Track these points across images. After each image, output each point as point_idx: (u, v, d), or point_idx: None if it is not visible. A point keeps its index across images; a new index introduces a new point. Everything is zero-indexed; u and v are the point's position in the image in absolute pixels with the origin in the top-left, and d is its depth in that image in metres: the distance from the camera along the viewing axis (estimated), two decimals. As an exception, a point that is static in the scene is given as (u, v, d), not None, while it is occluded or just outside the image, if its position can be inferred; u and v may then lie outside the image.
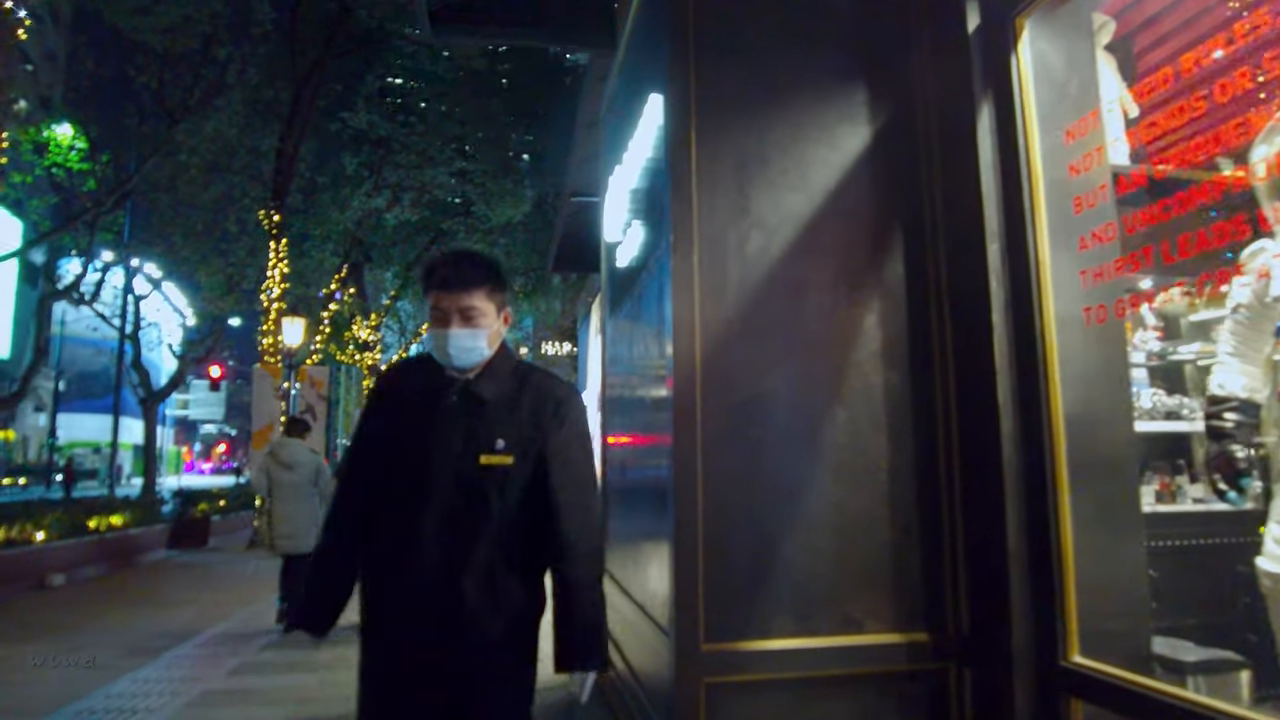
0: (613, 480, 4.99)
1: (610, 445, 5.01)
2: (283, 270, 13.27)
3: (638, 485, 3.94)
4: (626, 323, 4.36)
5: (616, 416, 4.79)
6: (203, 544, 13.43)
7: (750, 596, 2.94)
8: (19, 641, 6.24)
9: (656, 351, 3.43)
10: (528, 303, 22.48)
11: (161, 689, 4.78)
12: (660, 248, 3.40)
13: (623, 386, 4.48)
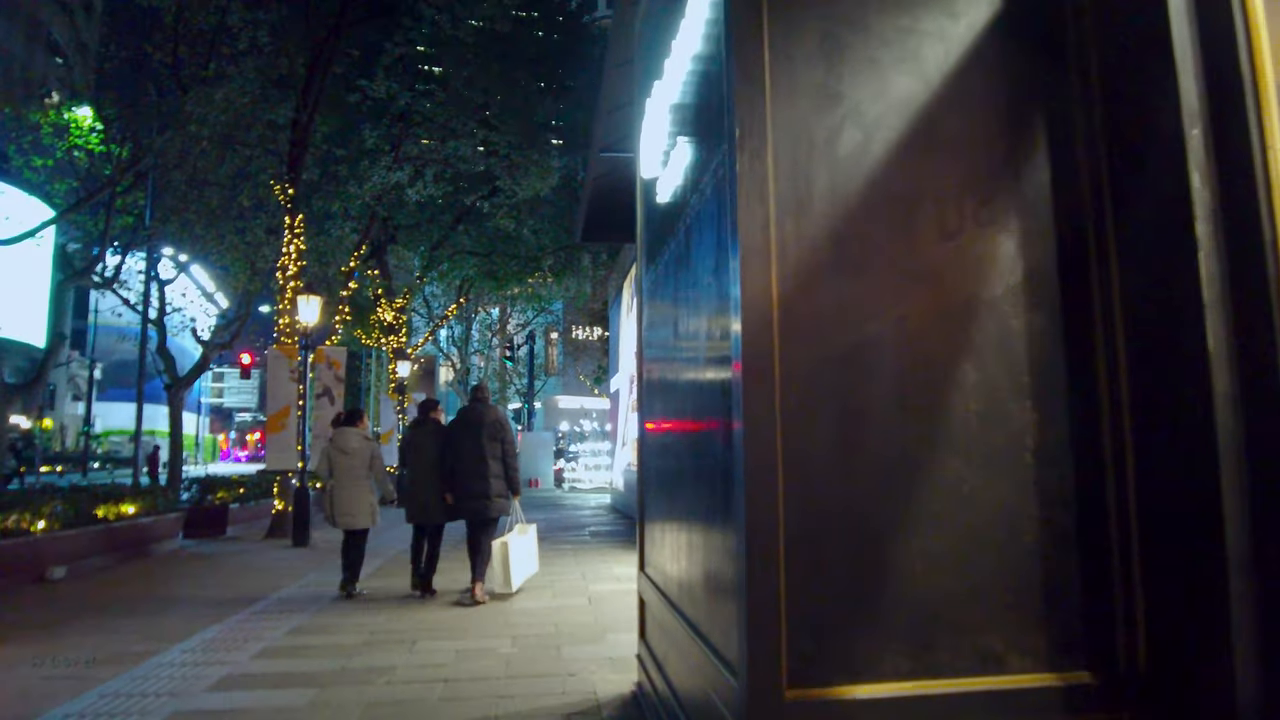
0: (652, 469, 4.19)
1: (650, 431, 4.21)
2: (298, 246, 12.63)
3: (687, 473, 3.13)
4: (669, 270, 3.55)
5: (657, 394, 3.98)
6: (220, 532, 12.90)
7: (849, 622, 2.14)
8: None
9: (713, 297, 2.62)
10: (557, 283, 21.75)
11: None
12: (716, 160, 2.59)
13: (666, 354, 3.67)
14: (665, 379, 3.68)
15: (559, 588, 7.50)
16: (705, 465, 2.75)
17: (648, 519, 4.28)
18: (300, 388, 11.78)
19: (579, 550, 10.32)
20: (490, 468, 6.87)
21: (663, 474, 3.77)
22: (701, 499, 2.80)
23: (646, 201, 4.45)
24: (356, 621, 6.16)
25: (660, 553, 3.83)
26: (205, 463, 57.99)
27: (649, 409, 4.22)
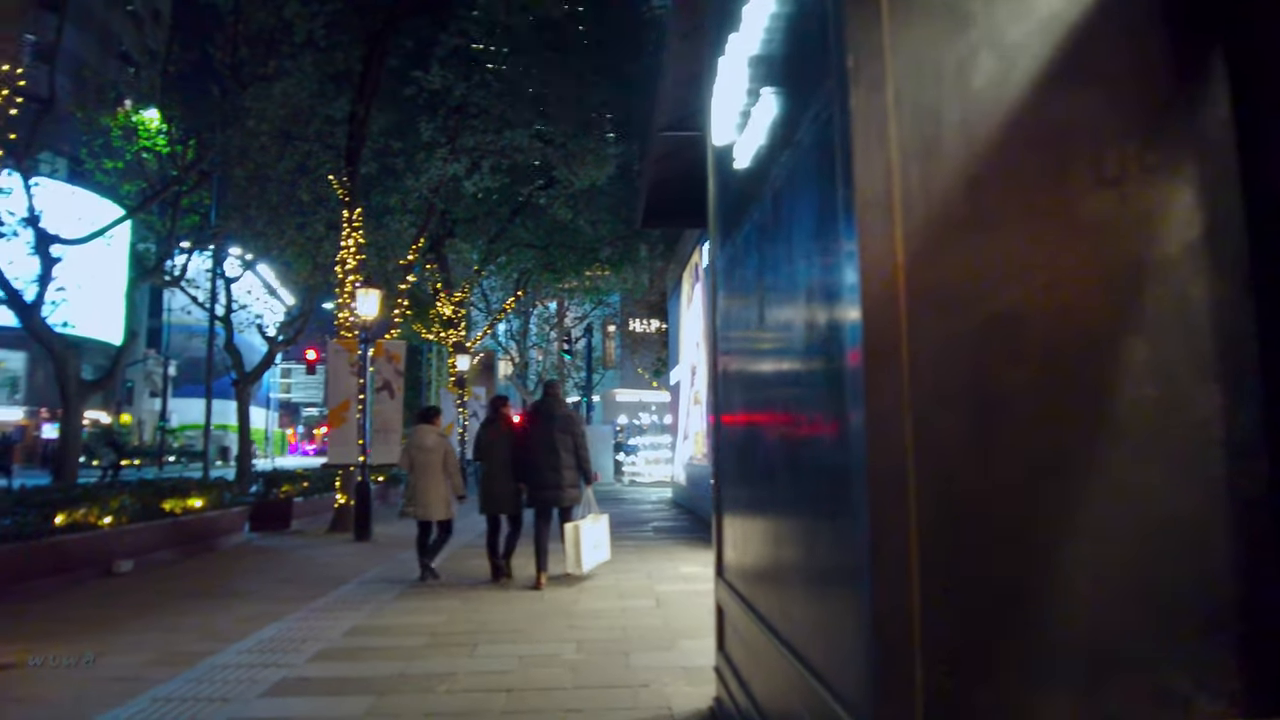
0: (731, 467, 3.82)
1: (729, 426, 3.84)
2: (357, 240, 12.58)
3: (779, 473, 2.76)
4: (750, 245, 3.18)
5: (737, 386, 3.61)
6: (285, 526, 12.98)
7: (997, 653, 1.75)
8: (20, 641, 5.58)
9: (814, 267, 2.24)
10: (615, 273, 21.46)
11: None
12: (817, 106, 2.21)
13: (747, 340, 3.30)
14: (748, 368, 3.31)
15: (624, 587, 7.20)
16: (805, 464, 2.38)
17: (725, 521, 3.92)
18: (360, 381, 11.72)
19: (642, 548, 10.01)
20: (563, 459, 7.28)
21: (746, 473, 3.40)
22: (800, 502, 2.43)
23: (720, 173, 4.08)
24: (416, 622, 5.95)
25: (742, 559, 3.47)
26: (274, 456, 59.58)
27: (727, 402, 3.86)
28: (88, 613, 6.63)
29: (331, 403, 12.02)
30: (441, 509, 7.65)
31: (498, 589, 7.23)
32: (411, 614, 6.26)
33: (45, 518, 7.99)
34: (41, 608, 6.84)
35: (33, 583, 7.49)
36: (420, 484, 7.63)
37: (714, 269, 4.17)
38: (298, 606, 6.66)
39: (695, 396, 14.44)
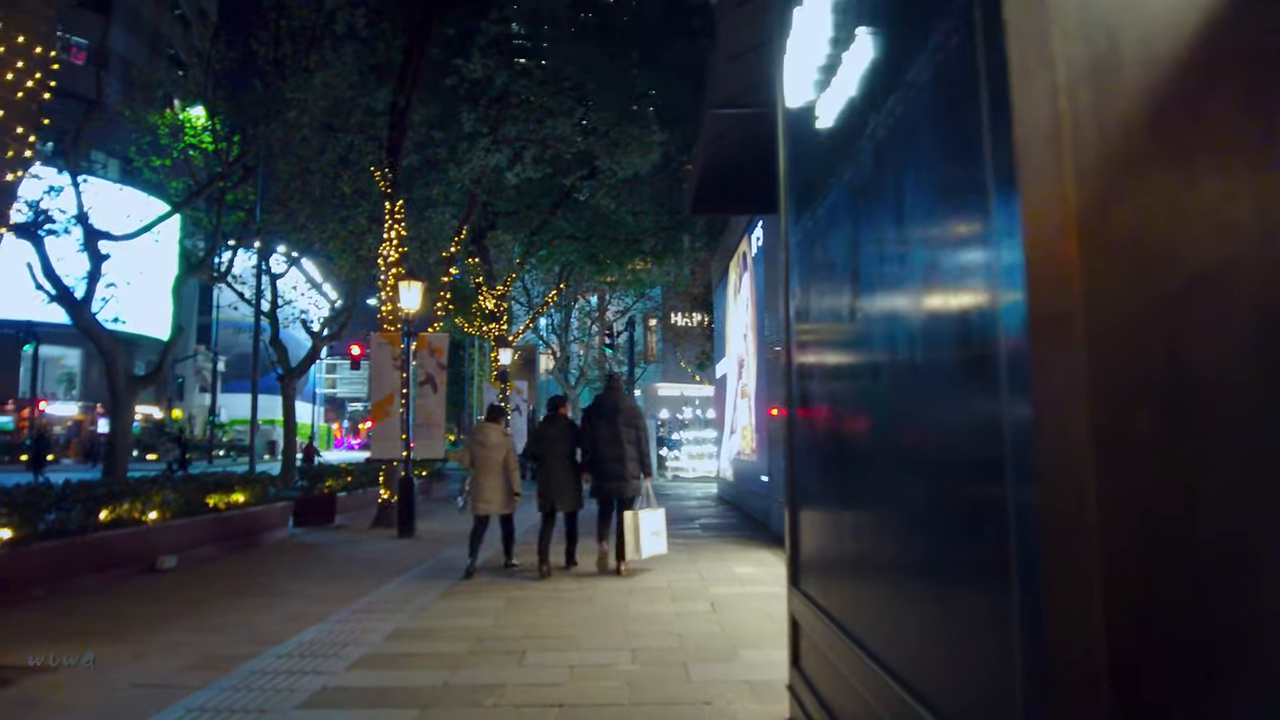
0: (810, 468, 3.44)
1: (808, 422, 3.46)
2: (399, 232, 12.40)
3: (883, 474, 2.38)
4: (840, 213, 2.79)
5: (819, 377, 3.23)
6: (329, 521, 12.89)
7: (1209, 705, 1.37)
8: (63, 641, 5.41)
9: (940, 219, 1.87)
10: (659, 264, 21.09)
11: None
12: (938, 36, 1.83)
13: (835, 324, 2.91)
14: (836, 355, 2.92)
15: (677, 589, 6.85)
16: (928, 464, 2.00)
17: (802, 526, 3.55)
18: (404, 375, 11.54)
19: (692, 546, 9.66)
20: (625, 451, 7.52)
21: (832, 474, 3.02)
22: (918, 508, 2.05)
23: (793, 140, 3.70)
24: (461, 625, 5.67)
25: (825, 568, 3.10)
26: (319, 450, 60.41)
27: (805, 395, 3.47)
28: (130, 610, 6.48)
29: (375, 397, 11.87)
30: (502, 504, 7.81)
31: (545, 589, 6.94)
32: (456, 616, 6.00)
33: (89, 513, 7.91)
34: (85, 605, 6.73)
35: (77, 579, 7.41)
36: (482, 480, 7.79)
37: (785, 249, 3.80)
38: (339, 606, 6.44)
39: (743, 390, 14.02)
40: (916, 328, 2.01)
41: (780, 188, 3.90)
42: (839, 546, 2.90)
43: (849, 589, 2.78)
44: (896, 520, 2.23)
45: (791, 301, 3.67)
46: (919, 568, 2.05)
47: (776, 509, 10.79)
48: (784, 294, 3.82)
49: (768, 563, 8.18)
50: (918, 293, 2.00)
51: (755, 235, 12.34)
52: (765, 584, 7.03)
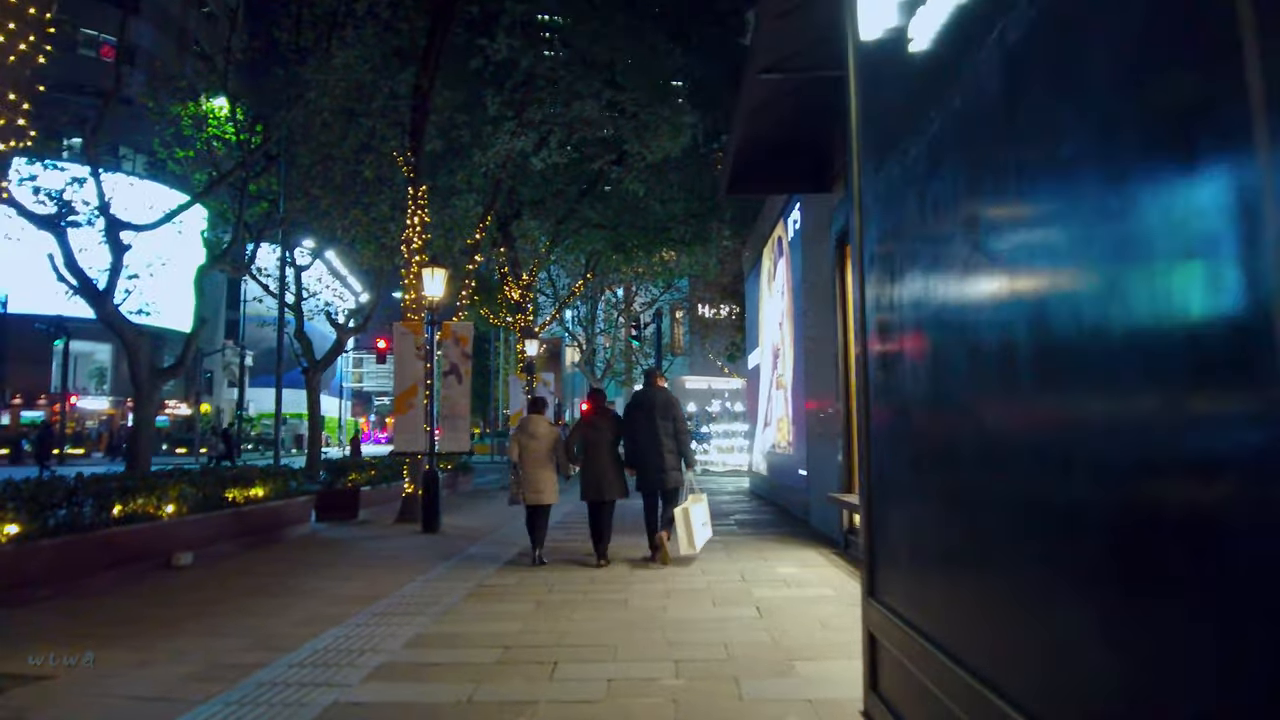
0: (898, 468, 2.93)
1: (895, 414, 2.95)
2: (423, 218, 12.01)
3: (1007, 477, 1.88)
4: (943, 153, 2.29)
5: (906, 366, 2.74)
6: (352, 516, 12.56)
7: None
8: (65, 645, 5.06)
9: (1116, 144, 1.37)
10: (689, 252, 20.54)
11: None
12: None
13: (938, 291, 2.41)
14: (944, 336, 2.41)
15: (718, 592, 6.37)
16: (1106, 464, 1.50)
17: (883, 530, 3.05)
18: (427, 365, 11.14)
19: (729, 544, 9.17)
20: (665, 444, 7.65)
21: (934, 473, 2.52)
22: (1083, 514, 1.55)
23: (867, 80, 3.19)
24: (487, 630, 5.24)
25: (920, 579, 2.60)
26: (346, 444, 60.58)
27: (888, 386, 2.97)
28: (140, 611, 6.13)
29: (398, 388, 11.49)
30: (552, 494, 7.96)
31: (576, 590, 6.50)
32: (482, 620, 5.57)
33: (102, 509, 7.59)
34: (94, 606, 6.39)
35: (89, 577, 7.07)
36: (530, 471, 7.91)
37: (859, 210, 3.29)
38: (359, 608, 6.04)
39: (778, 380, 13.48)
40: (1093, 294, 1.51)
41: (851, 137, 3.39)
42: (944, 555, 2.40)
43: (951, 607, 2.29)
44: (1043, 527, 1.73)
45: (868, 274, 3.16)
46: (1082, 583, 1.56)
47: (817, 505, 10.26)
48: (856, 269, 3.31)
49: (813, 562, 7.67)
50: (1092, 246, 1.50)
51: (792, 219, 11.80)
52: (813, 586, 6.53)
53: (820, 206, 9.59)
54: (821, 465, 9.97)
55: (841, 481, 8.32)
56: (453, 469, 18.68)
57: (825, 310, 9.26)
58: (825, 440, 9.74)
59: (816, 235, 9.94)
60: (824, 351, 9.63)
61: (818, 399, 10.27)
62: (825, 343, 9.47)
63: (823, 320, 9.60)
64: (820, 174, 9.19)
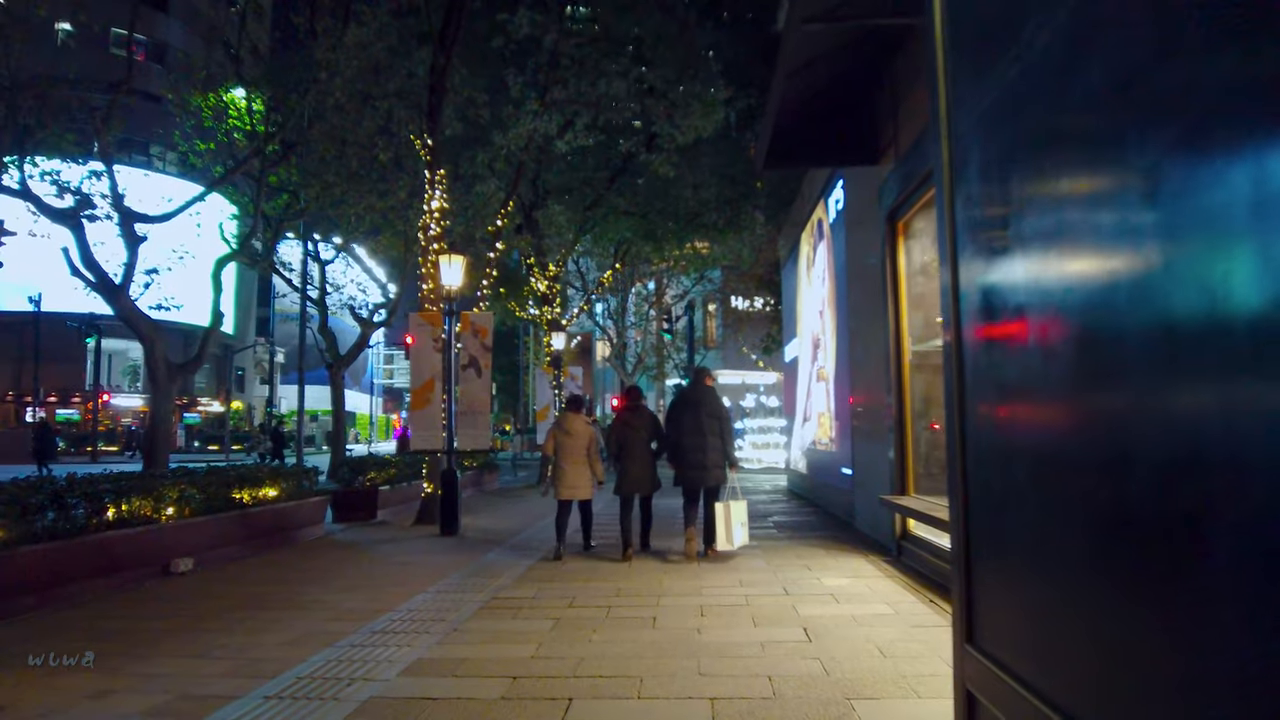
0: (1009, 486, 2.18)
1: (1003, 418, 2.20)
2: (441, 204, 11.40)
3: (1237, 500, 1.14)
4: (1098, 30, 1.55)
5: (1024, 358, 2.01)
6: (370, 516, 12.03)
7: None
8: (21, 669, 4.49)
9: None
10: (719, 242, 19.74)
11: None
12: None
13: (1087, 254, 1.67)
14: (1104, 318, 1.66)
15: (758, 607, 5.66)
16: None
17: (985, 563, 2.31)
18: (449, 357, 10.51)
19: (768, 548, 8.45)
20: (709, 442, 7.67)
21: (1069, 490, 1.77)
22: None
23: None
24: (495, 655, 4.59)
25: (1046, 628, 1.87)
26: (375, 441, 60.67)
27: (998, 382, 2.21)
28: (120, 627, 5.58)
29: (414, 382, 10.90)
30: (587, 489, 8.11)
31: (599, 605, 5.83)
32: (491, 640, 4.92)
33: (94, 512, 7.07)
34: (74, 619, 5.86)
35: (76, 586, 6.56)
36: (565, 467, 8.05)
37: (946, 145, 2.54)
38: (358, 624, 5.43)
39: (819, 373, 12.70)
40: None
41: (934, 33, 2.63)
42: (1095, 598, 1.67)
43: (1114, 670, 1.56)
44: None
45: (964, 234, 2.41)
46: None
47: (864, 507, 9.49)
48: (946, 228, 2.56)
49: (864, 573, 6.91)
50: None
51: (833, 198, 11.00)
52: (866, 602, 5.78)
53: (867, 181, 8.80)
54: (869, 464, 9.20)
55: (894, 483, 7.54)
56: (478, 467, 18.13)
57: (873, 295, 8.48)
58: (873, 437, 8.96)
59: (863, 213, 9.15)
60: (872, 341, 8.86)
61: (864, 392, 9.50)
62: (873, 331, 8.70)
63: (870, 306, 8.82)
64: (867, 144, 8.40)
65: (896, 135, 7.78)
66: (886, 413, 7.93)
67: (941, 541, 6.40)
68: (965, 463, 2.36)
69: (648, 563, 7.61)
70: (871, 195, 8.53)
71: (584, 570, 7.31)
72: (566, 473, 8.04)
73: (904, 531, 7.49)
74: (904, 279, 7.62)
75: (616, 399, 42.23)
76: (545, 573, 7.24)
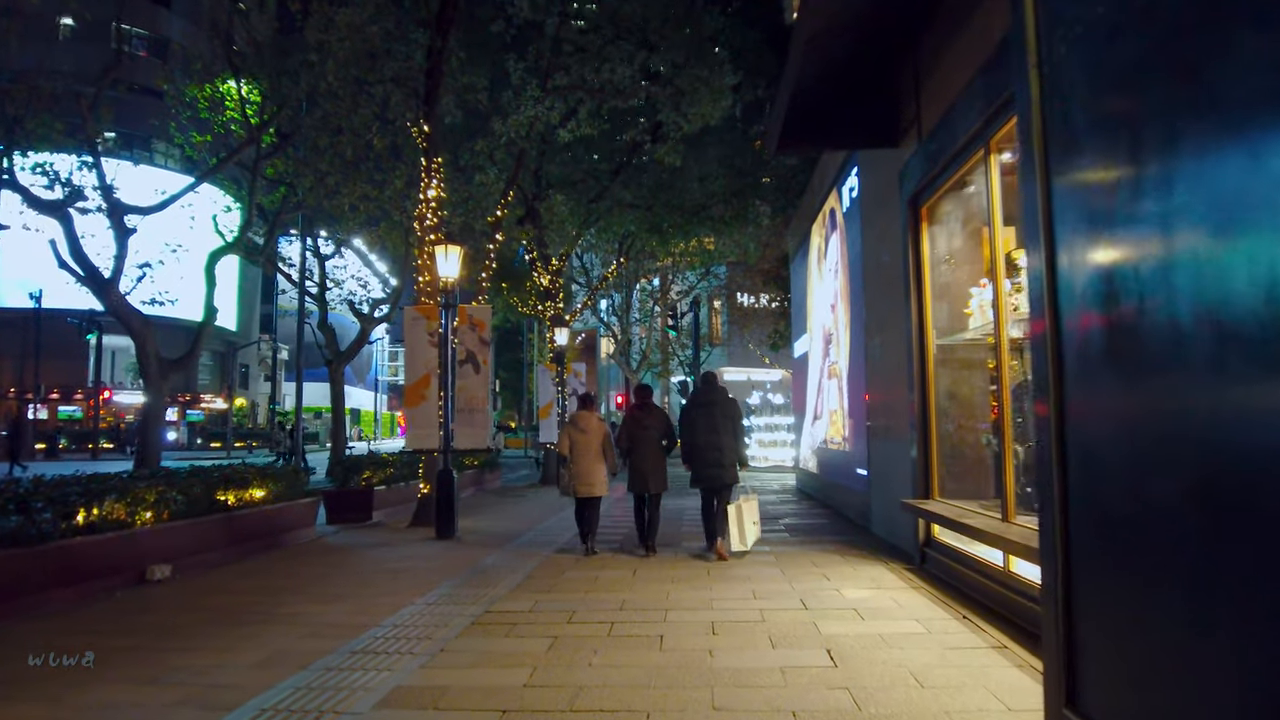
0: (1130, 510, 1.69)
1: (1118, 424, 1.71)
2: (438, 193, 10.92)
3: None
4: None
5: (1149, 349, 1.52)
6: (366, 517, 11.57)
7: None
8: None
9: None
10: (726, 235, 19.21)
11: None
12: None
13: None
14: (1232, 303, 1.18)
15: (775, 625, 5.16)
16: None
17: (1097, 608, 1.81)
18: (450, 351, 10.01)
19: (780, 553, 7.97)
20: (724, 441, 7.76)
21: (1200, 520, 1.28)
22: None
23: None
24: (484, 684, 4.11)
25: (1206, 697, 1.38)
26: (379, 438, 60.31)
27: (1123, 378, 1.72)
28: (75, 644, 5.10)
29: (409, 378, 10.42)
30: (602, 486, 8.22)
31: (600, 622, 5.35)
32: (481, 664, 4.44)
33: (62, 516, 6.62)
34: (32, 632, 5.41)
35: (38, 597, 6.12)
36: (580, 464, 8.16)
37: (1038, 73, 2.05)
38: (336, 643, 4.96)
39: (830, 369, 12.19)
40: None
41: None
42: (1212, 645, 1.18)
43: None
44: None
45: (1064, 199, 1.92)
46: None
47: (881, 509, 9.00)
48: (1038, 188, 2.06)
49: (886, 583, 6.42)
50: None
51: (847, 186, 10.49)
52: (893, 618, 5.28)
53: (886, 166, 8.29)
54: (887, 465, 8.70)
55: (915, 485, 7.04)
56: (480, 465, 17.67)
57: (892, 286, 7.98)
58: (891, 436, 8.46)
59: (881, 200, 8.64)
60: (890, 334, 8.36)
61: (881, 389, 9.00)
62: (892, 324, 8.20)
63: (889, 298, 8.32)
64: (886, 126, 7.90)
65: (919, 114, 7.27)
66: (907, 410, 7.43)
67: (972, 550, 5.91)
68: (1066, 477, 1.87)
69: (655, 570, 7.14)
70: (888, 181, 8.02)
71: (586, 579, 6.83)
72: (582, 470, 8.14)
73: (928, 538, 6.99)
74: (927, 268, 7.11)
75: (621, 396, 41.75)
76: (544, 581, 6.76)
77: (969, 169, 6.05)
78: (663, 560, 7.70)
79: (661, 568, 7.29)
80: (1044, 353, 1.99)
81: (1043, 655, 2.06)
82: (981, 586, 5.60)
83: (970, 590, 5.80)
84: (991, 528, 5.05)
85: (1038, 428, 2.04)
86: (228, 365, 48.14)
